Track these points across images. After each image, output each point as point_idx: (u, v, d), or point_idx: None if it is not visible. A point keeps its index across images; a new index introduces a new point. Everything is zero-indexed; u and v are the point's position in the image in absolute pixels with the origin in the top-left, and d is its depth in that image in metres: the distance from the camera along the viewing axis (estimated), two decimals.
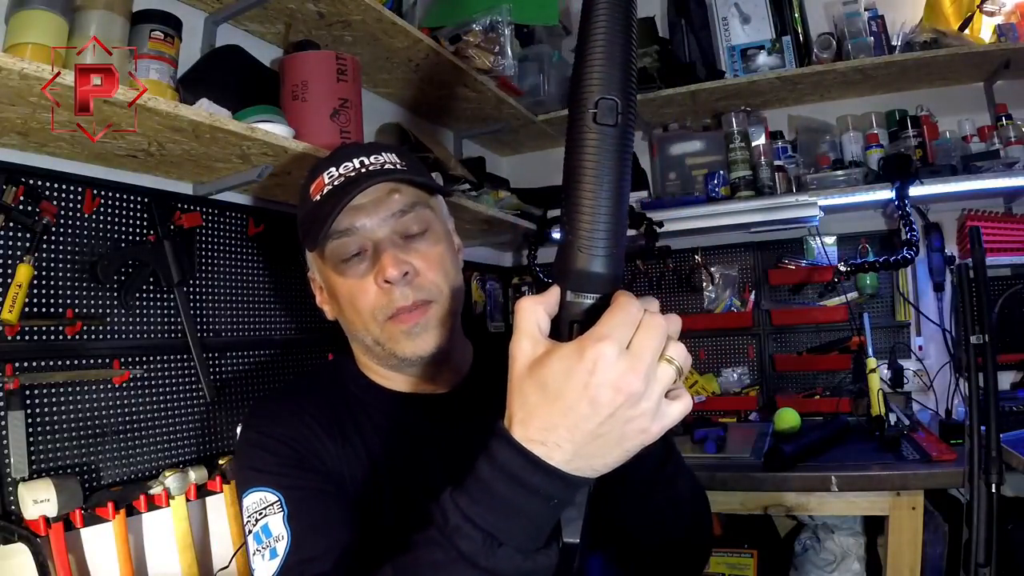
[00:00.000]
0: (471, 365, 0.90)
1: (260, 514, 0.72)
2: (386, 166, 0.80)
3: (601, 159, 0.47)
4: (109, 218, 1.26)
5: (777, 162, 2.17)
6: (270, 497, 0.73)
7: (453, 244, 0.87)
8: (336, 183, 0.79)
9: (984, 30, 2.01)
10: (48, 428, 1.12)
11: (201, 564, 1.28)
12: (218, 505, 1.36)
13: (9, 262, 1.09)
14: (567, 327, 0.49)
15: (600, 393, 0.44)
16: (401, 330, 0.78)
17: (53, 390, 1.14)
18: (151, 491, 1.21)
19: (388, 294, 0.77)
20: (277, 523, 0.71)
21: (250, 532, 0.73)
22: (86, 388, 1.19)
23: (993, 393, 1.50)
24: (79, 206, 1.20)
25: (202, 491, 1.30)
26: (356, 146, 0.86)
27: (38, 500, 1.04)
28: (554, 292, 0.50)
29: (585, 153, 0.48)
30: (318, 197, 0.80)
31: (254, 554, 0.72)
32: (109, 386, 1.22)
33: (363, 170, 0.79)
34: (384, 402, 0.85)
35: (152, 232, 1.32)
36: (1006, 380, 1.99)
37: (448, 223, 0.88)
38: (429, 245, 0.80)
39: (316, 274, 0.87)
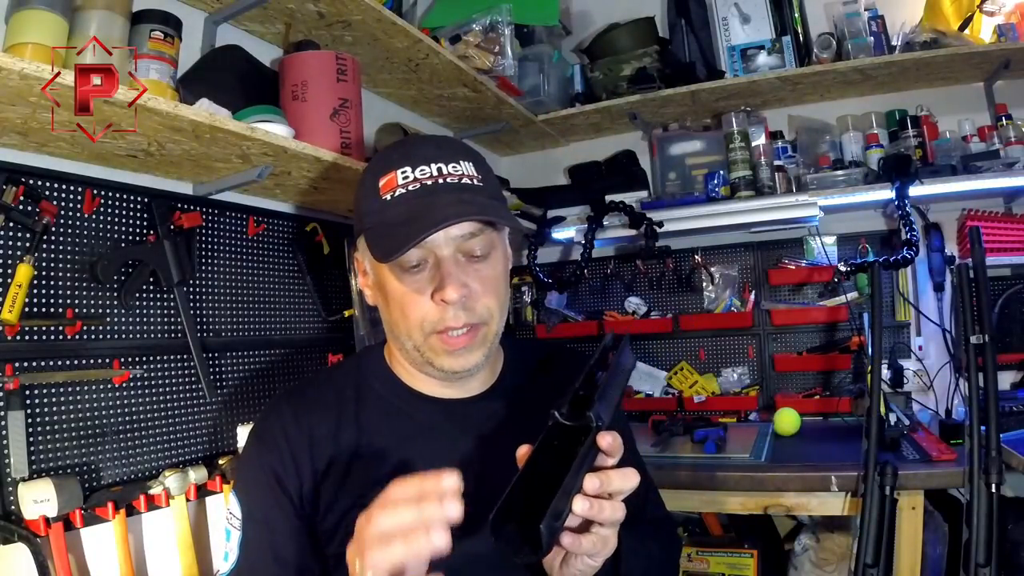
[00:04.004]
0: (501, 371, 0.91)
1: (230, 519, 0.82)
2: (463, 179, 0.78)
3: None
4: (109, 218, 1.26)
5: (777, 162, 2.17)
6: (236, 511, 0.81)
7: (508, 261, 0.87)
8: (410, 188, 0.77)
9: (984, 30, 2.01)
10: (48, 428, 1.12)
11: (201, 564, 1.28)
12: (218, 505, 1.36)
13: (9, 262, 1.09)
14: None
15: None
16: (445, 349, 0.79)
17: (53, 390, 1.14)
18: (151, 491, 1.21)
19: (442, 312, 0.77)
20: (234, 537, 0.80)
21: (225, 521, 0.83)
22: (86, 388, 1.19)
23: (993, 393, 1.50)
24: (79, 206, 1.20)
25: (202, 491, 1.30)
26: (435, 145, 0.82)
27: (38, 500, 1.04)
28: None
29: None
30: (388, 197, 0.78)
31: (224, 541, 0.83)
32: (109, 386, 1.22)
33: (440, 180, 0.77)
34: (408, 402, 0.86)
35: (152, 232, 1.32)
36: (1006, 380, 1.99)
37: (506, 238, 0.87)
38: (489, 267, 0.81)
39: (365, 260, 0.85)
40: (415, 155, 0.79)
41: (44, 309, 1.14)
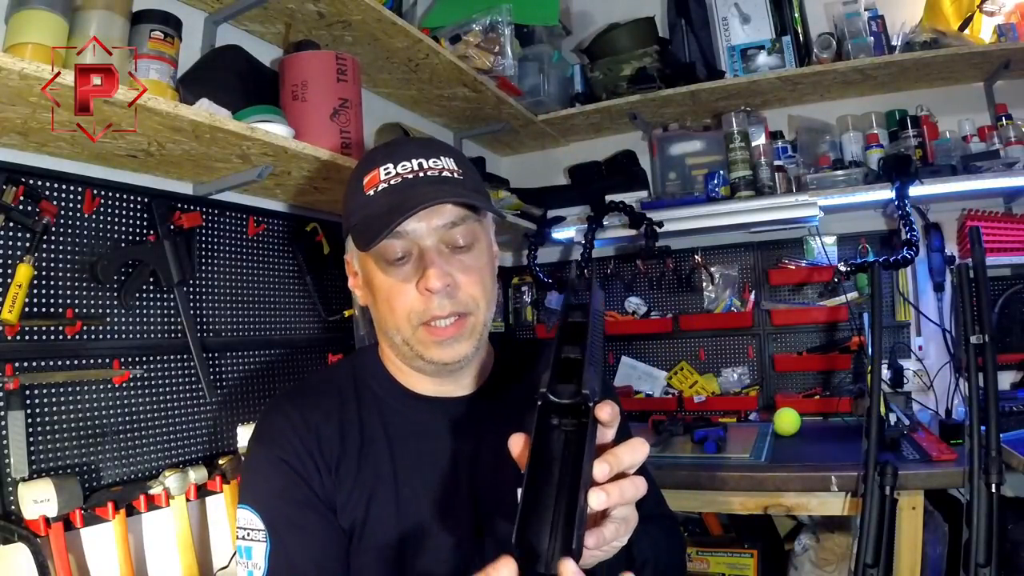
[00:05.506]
0: (492, 369, 0.91)
1: (247, 535, 0.78)
2: (443, 172, 0.80)
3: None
4: (109, 218, 1.26)
5: (777, 162, 2.17)
6: (257, 523, 0.77)
7: (494, 256, 0.88)
8: (392, 182, 0.79)
9: (984, 30, 2.01)
10: (48, 428, 1.12)
11: (201, 564, 1.28)
12: (218, 505, 1.37)
13: (9, 262, 1.09)
14: None
15: None
16: (433, 340, 0.79)
17: (53, 390, 1.14)
18: (151, 491, 1.21)
19: (427, 302, 0.78)
20: (259, 552, 0.76)
21: (239, 540, 0.79)
22: (86, 388, 1.19)
23: (993, 393, 1.50)
24: (79, 206, 1.20)
25: (202, 491, 1.30)
26: (416, 143, 0.85)
27: (38, 500, 1.04)
28: None
29: None
30: (371, 192, 0.79)
31: (238, 563, 0.79)
32: (109, 386, 1.22)
33: (421, 173, 0.79)
34: (404, 403, 0.86)
35: (152, 232, 1.32)
36: (1006, 380, 1.99)
37: (491, 231, 0.88)
38: (473, 258, 0.81)
39: (354, 260, 0.87)
40: (397, 153, 0.81)
41: (44, 309, 1.14)
